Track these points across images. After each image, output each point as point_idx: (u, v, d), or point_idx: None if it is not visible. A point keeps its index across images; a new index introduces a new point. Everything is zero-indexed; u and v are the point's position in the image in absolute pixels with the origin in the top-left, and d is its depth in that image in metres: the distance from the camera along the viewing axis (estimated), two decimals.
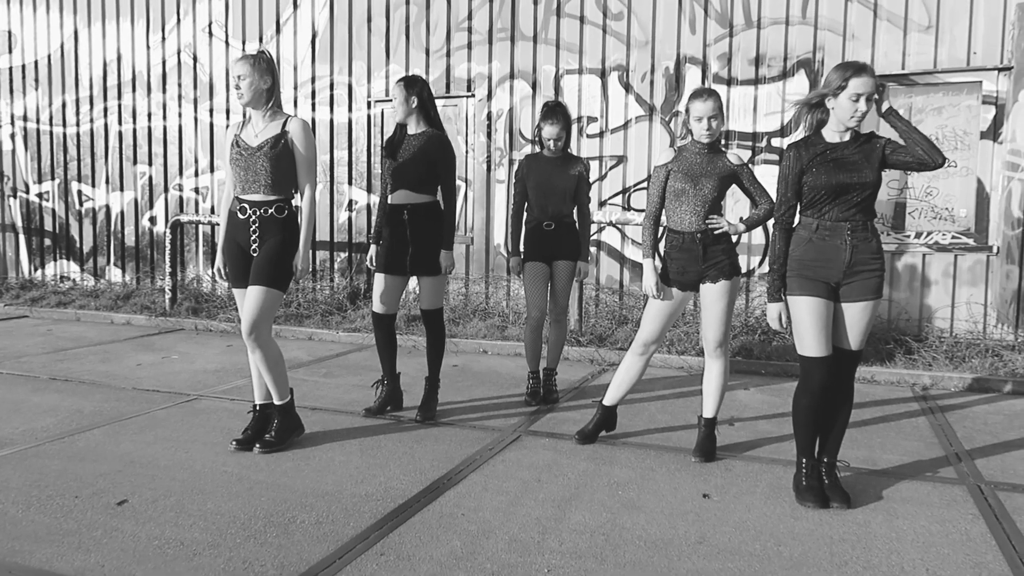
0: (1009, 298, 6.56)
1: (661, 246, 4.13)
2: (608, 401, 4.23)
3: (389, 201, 4.69)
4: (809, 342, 3.34)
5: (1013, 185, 6.51)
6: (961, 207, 6.75)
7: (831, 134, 3.37)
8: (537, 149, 5.21)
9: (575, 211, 5.08)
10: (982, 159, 6.62)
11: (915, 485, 3.65)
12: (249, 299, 3.96)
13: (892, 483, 3.67)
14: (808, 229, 3.38)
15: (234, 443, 4.10)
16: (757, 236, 7.27)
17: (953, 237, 6.70)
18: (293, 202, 4.13)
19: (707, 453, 4.00)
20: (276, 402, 4.14)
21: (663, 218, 4.07)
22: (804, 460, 3.47)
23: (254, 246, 4.02)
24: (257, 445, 4.06)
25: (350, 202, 8.79)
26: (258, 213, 4.01)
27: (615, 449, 4.14)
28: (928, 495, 3.52)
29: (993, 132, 6.56)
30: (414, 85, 4.58)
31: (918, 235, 6.79)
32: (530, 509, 3.32)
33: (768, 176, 7.15)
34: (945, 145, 6.75)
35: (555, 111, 4.91)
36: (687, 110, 3.90)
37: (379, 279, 4.72)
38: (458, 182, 8.36)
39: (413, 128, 4.63)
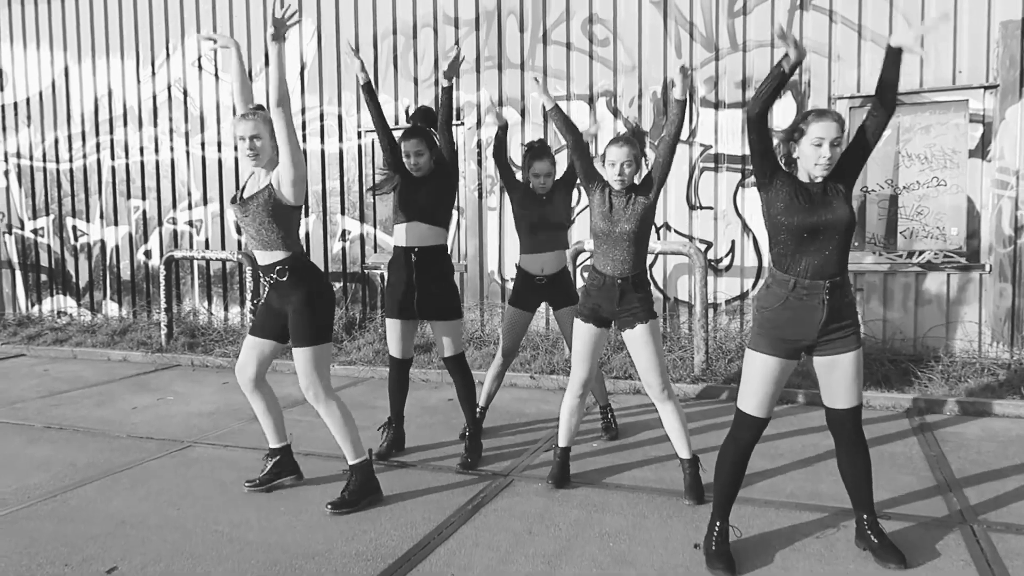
0: (1003, 316, 6.55)
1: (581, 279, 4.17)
2: (564, 443, 4.24)
3: (394, 242, 4.68)
4: (753, 401, 3.19)
5: (1003, 203, 6.51)
6: (952, 225, 6.74)
7: (803, 174, 3.20)
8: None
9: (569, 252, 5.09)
10: (971, 177, 6.62)
11: (906, 528, 3.63)
12: (296, 361, 3.94)
13: (885, 524, 3.65)
14: (784, 287, 3.16)
15: (247, 486, 4.19)
16: (750, 258, 7.27)
17: (945, 256, 6.70)
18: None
19: (698, 495, 3.99)
20: (351, 462, 4.01)
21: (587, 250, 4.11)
22: (718, 524, 3.31)
23: (283, 308, 4.01)
24: (328, 504, 3.92)
25: (343, 232, 8.80)
26: (273, 278, 3.95)
27: (607, 493, 4.13)
28: (921, 538, 3.51)
29: (981, 150, 6.56)
30: (431, 136, 4.53)
31: (910, 254, 6.78)
32: (520, 566, 3.31)
33: (759, 198, 7.16)
34: (934, 164, 6.76)
35: (544, 150, 4.89)
36: (603, 154, 3.93)
37: (390, 325, 4.72)
38: None
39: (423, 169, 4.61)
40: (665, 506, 3.95)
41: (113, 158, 9.90)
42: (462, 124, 8.16)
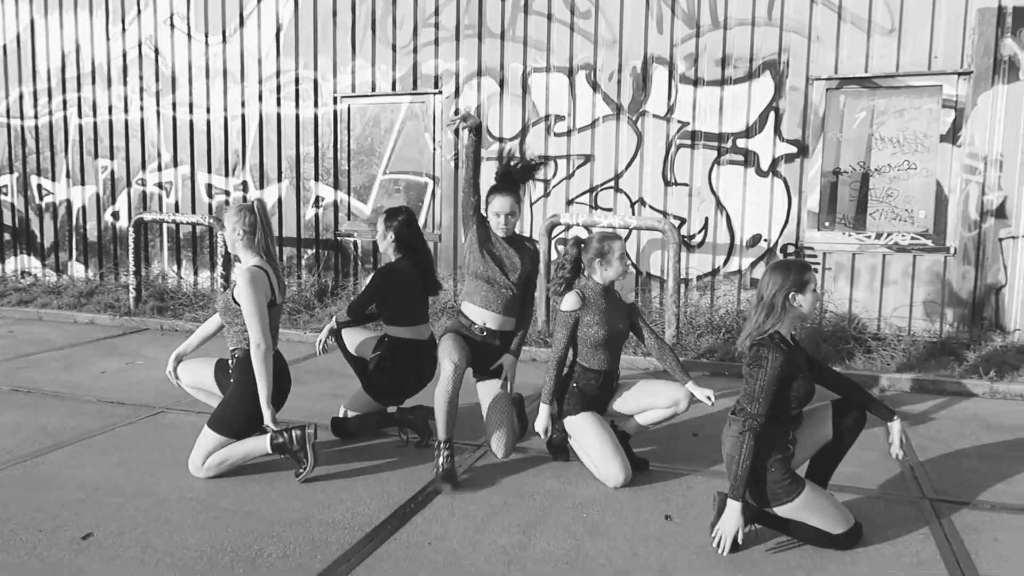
0: (965, 298, 6.72)
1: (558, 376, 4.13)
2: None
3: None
4: (836, 515, 3.22)
5: (971, 188, 6.65)
6: (920, 208, 6.88)
7: (788, 326, 3.30)
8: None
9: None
10: (941, 162, 6.74)
11: (869, 503, 3.76)
12: (200, 436, 3.99)
13: (848, 499, 3.77)
14: (785, 439, 3.28)
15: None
16: (723, 235, 7.36)
17: (912, 238, 6.84)
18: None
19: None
20: (271, 449, 3.93)
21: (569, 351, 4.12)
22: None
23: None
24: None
25: (317, 198, 8.72)
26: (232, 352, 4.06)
27: (581, 465, 4.19)
28: (882, 513, 3.63)
29: (952, 135, 6.67)
30: (395, 217, 4.49)
31: (878, 235, 6.91)
32: (496, 536, 3.37)
33: (733, 176, 7.24)
34: (906, 147, 6.87)
35: (508, 186, 4.30)
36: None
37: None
38: (424, 179, 8.34)
39: (392, 259, 4.61)
40: (636, 478, 4.03)
41: (80, 116, 9.66)
42: (440, 93, 8.09)
